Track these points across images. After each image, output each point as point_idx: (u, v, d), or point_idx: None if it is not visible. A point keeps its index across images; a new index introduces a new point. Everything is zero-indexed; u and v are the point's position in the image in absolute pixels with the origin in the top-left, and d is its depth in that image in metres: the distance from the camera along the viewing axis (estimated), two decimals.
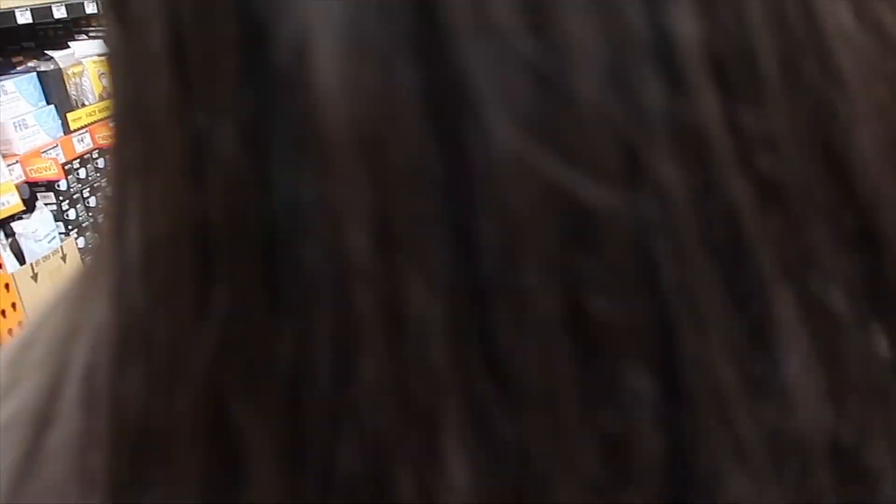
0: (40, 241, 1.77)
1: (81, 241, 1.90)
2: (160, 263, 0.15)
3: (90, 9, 2.14)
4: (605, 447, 0.13)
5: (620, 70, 0.12)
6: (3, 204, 1.69)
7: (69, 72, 2.06)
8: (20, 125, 1.81)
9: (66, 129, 1.97)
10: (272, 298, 0.14)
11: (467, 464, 0.13)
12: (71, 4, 2.05)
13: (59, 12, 2.00)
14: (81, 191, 2.02)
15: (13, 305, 1.59)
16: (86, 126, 2.05)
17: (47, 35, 2.12)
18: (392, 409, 0.13)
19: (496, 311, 0.13)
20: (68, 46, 2.08)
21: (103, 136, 2.09)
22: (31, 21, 1.87)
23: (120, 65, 0.16)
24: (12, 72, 1.97)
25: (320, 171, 0.13)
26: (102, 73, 2.30)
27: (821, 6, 0.14)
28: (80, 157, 2.00)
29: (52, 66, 2.01)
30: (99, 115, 2.13)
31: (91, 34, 2.23)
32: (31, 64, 2.05)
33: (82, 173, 2.02)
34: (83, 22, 2.23)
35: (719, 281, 0.13)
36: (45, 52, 2.06)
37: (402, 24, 0.12)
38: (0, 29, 1.81)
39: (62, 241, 1.86)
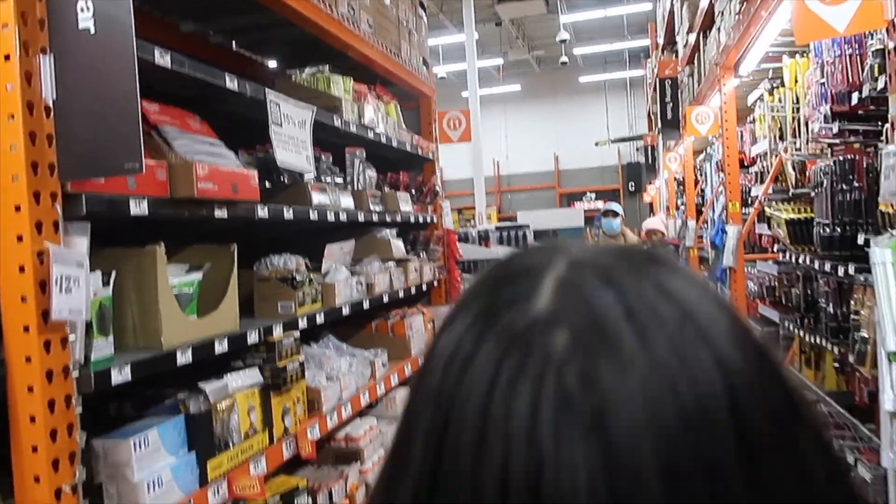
0: None
1: None
2: None
3: (252, 338, 1.99)
4: None
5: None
6: None
7: (219, 406, 1.85)
8: (155, 483, 1.55)
9: (204, 480, 1.70)
10: None
11: None
12: (234, 337, 1.91)
13: (221, 346, 1.84)
14: None
15: None
16: (225, 473, 1.78)
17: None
18: None
19: None
20: (221, 377, 1.89)
21: (242, 485, 1.79)
22: (190, 361, 1.71)
23: None
24: (159, 409, 1.78)
25: None
26: (252, 407, 2.10)
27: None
28: None
29: (202, 405, 1.81)
30: (241, 458, 1.86)
31: (248, 363, 2.06)
32: (181, 396, 1.87)
33: None
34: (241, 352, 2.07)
35: None
36: (199, 383, 1.88)
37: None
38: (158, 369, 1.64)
39: None
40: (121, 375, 1.47)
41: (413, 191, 3.77)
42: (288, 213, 2.24)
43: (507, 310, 0.37)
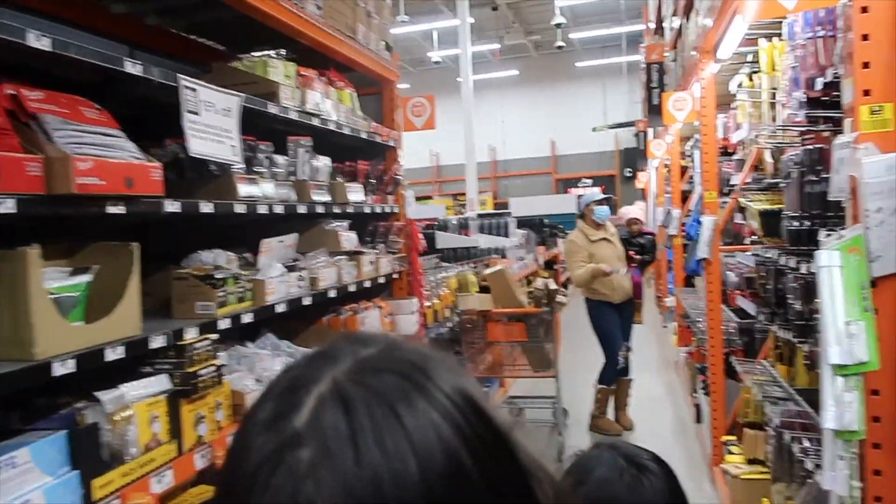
0: None
1: None
2: None
3: (158, 343, 1.86)
4: None
5: None
6: None
7: (115, 417, 1.72)
8: None
9: (88, 501, 1.57)
10: None
11: None
12: (132, 343, 1.77)
13: (115, 353, 1.71)
14: None
15: None
16: (116, 491, 1.65)
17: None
18: None
19: None
20: (117, 388, 1.76)
21: (139, 503, 1.66)
22: (74, 370, 1.57)
23: None
24: (51, 421, 1.64)
25: None
26: (156, 417, 1.97)
27: None
28: None
29: (98, 417, 1.68)
30: (139, 473, 1.73)
31: (157, 369, 1.92)
32: (78, 406, 1.74)
33: None
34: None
35: None
36: (96, 393, 1.75)
37: None
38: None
39: None
40: None
41: (373, 180, 3.62)
42: (206, 207, 2.09)
43: (278, 420, 0.45)
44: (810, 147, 2.75)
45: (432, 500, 0.41)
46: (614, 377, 5.34)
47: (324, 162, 3.14)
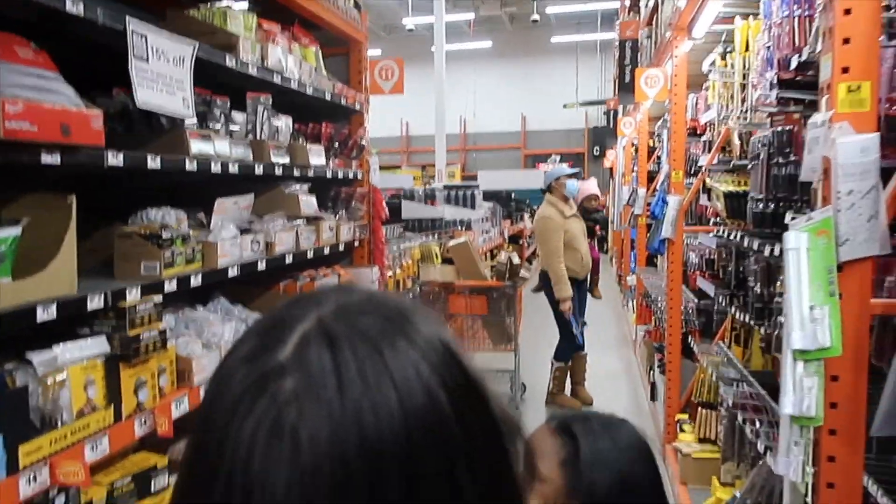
0: None
1: None
2: None
3: (96, 303, 1.75)
4: None
5: None
6: None
7: (48, 381, 1.62)
8: None
9: (14, 467, 1.48)
10: None
11: None
12: (66, 302, 1.66)
13: (47, 313, 1.60)
14: None
15: None
16: (45, 458, 1.55)
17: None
18: None
19: None
20: (50, 349, 1.65)
21: (67, 471, 1.57)
22: None
23: None
24: None
25: None
26: (91, 381, 1.87)
27: None
28: None
29: (28, 379, 1.58)
30: (71, 440, 1.64)
31: (95, 331, 1.82)
32: (8, 367, 1.64)
33: None
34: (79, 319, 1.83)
35: None
36: (27, 354, 1.65)
37: None
38: None
39: None
40: None
41: (336, 144, 3.50)
42: (153, 162, 1.97)
43: (260, 354, 0.46)
44: (779, 129, 2.73)
45: (411, 438, 0.42)
46: (571, 353, 5.35)
47: (284, 122, 3.01)
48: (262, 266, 2.60)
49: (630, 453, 1.11)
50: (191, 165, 2.17)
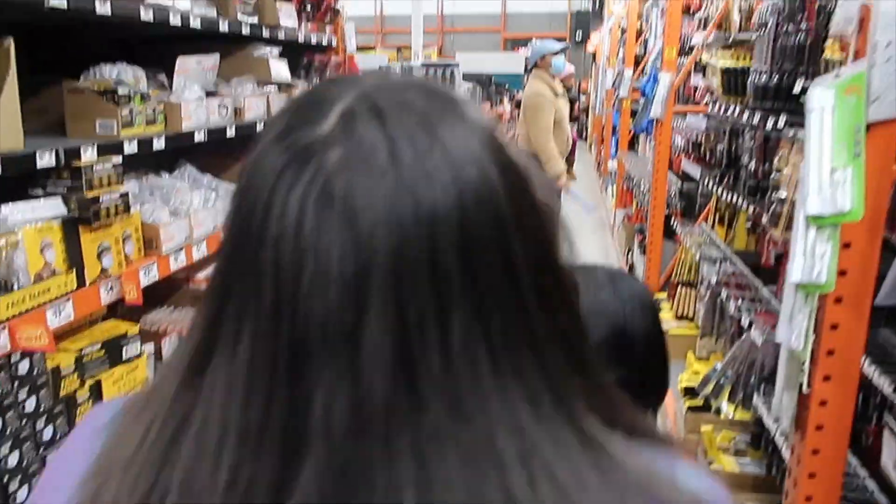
0: None
1: None
2: None
3: (43, 162, 1.58)
4: None
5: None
6: None
7: None
8: None
9: None
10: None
11: None
12: (12, 158, 1.49)
13: None
14: None
15: None
16: (4, 321, 1.44)
17: None
18: None
19: None
20: None
21: (28, 335, 1.47)
22: None
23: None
24: None
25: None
26: (49, 244, 1.73)
27: None
28: None
29: None
30: (30, 304, 1.52)
31: (48, 192, 1.66)
32: None
33: None
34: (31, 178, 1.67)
35: None
36: None
37: None
38: None
39: None
40: None
41: (308, 7, 3.22)
42: (103, 7, 1.75)
43: (298, 130, 0.43)
44: None
45: (463, 213, 0.41)
46: None
47: None
48: (231, 132, 2.42)
49: (631, 304, 1.06)
50: (146, 15, 1.94)
